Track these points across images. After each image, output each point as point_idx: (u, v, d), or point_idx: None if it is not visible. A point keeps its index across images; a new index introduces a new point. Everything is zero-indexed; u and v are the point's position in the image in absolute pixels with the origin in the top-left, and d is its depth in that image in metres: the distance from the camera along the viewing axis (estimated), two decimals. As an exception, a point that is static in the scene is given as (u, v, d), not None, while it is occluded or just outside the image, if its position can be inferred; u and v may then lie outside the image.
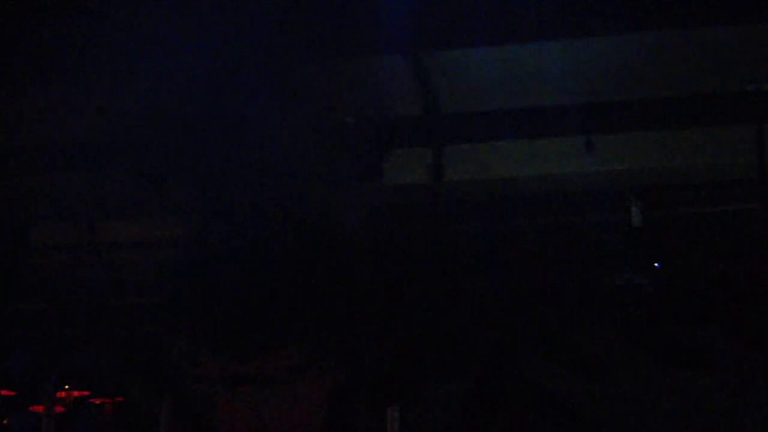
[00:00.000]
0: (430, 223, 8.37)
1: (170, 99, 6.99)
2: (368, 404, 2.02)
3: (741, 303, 8.71)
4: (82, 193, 8.72)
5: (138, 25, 6.45)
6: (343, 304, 1.80)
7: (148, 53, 6.49)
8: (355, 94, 7.35)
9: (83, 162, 8.05)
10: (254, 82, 6.76)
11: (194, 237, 1.81)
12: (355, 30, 6.90)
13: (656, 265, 8.39)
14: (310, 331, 1.76)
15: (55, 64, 7.08)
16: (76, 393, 11.32)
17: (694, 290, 8.69)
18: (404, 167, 7.77)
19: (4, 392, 11.07)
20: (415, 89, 7.38)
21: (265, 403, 1.77)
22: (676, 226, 8.37)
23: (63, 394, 11.17)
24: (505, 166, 7.82)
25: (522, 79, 7.37)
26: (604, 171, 7.83)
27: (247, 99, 6.70)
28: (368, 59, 7.12)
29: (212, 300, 1.75)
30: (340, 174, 7.68)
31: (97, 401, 11.55)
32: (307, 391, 1.79)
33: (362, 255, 1.83)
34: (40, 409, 10.18)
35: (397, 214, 8.30)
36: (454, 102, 7.57)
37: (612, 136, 7.70)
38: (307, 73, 7.06)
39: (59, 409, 10.64)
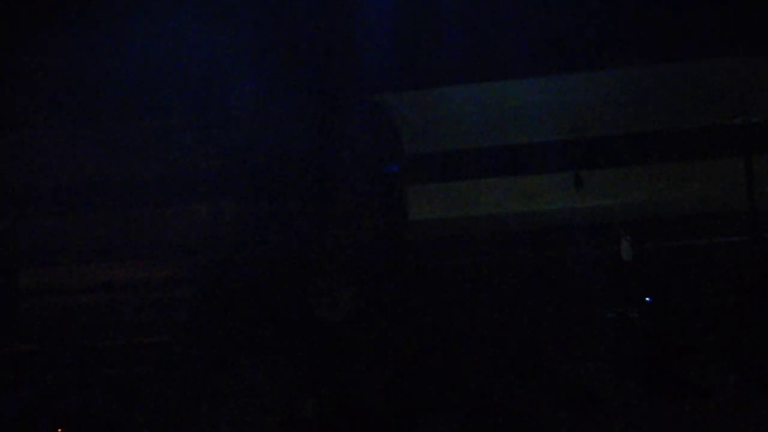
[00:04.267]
0: (425, 256, 8.39)
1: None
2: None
3: (733, 333, 8.71)
4: (71, 236, 8.72)
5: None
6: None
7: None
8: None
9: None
10: None
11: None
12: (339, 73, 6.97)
13: (647, 299, 8.40)
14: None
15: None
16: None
17: (686, 321, 8.70)
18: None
19: (-5, 437, 11.01)
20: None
21: None
22: (666, 259, 8.39)
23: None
24: (496, 203, 7.84)
25: (509, 117, 7.40)
26: (593, 206, 7.85)
27: None
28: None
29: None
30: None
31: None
32: None
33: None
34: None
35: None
36: (441, 140, 7.59)
37: (601, 171, 7.72)
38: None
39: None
